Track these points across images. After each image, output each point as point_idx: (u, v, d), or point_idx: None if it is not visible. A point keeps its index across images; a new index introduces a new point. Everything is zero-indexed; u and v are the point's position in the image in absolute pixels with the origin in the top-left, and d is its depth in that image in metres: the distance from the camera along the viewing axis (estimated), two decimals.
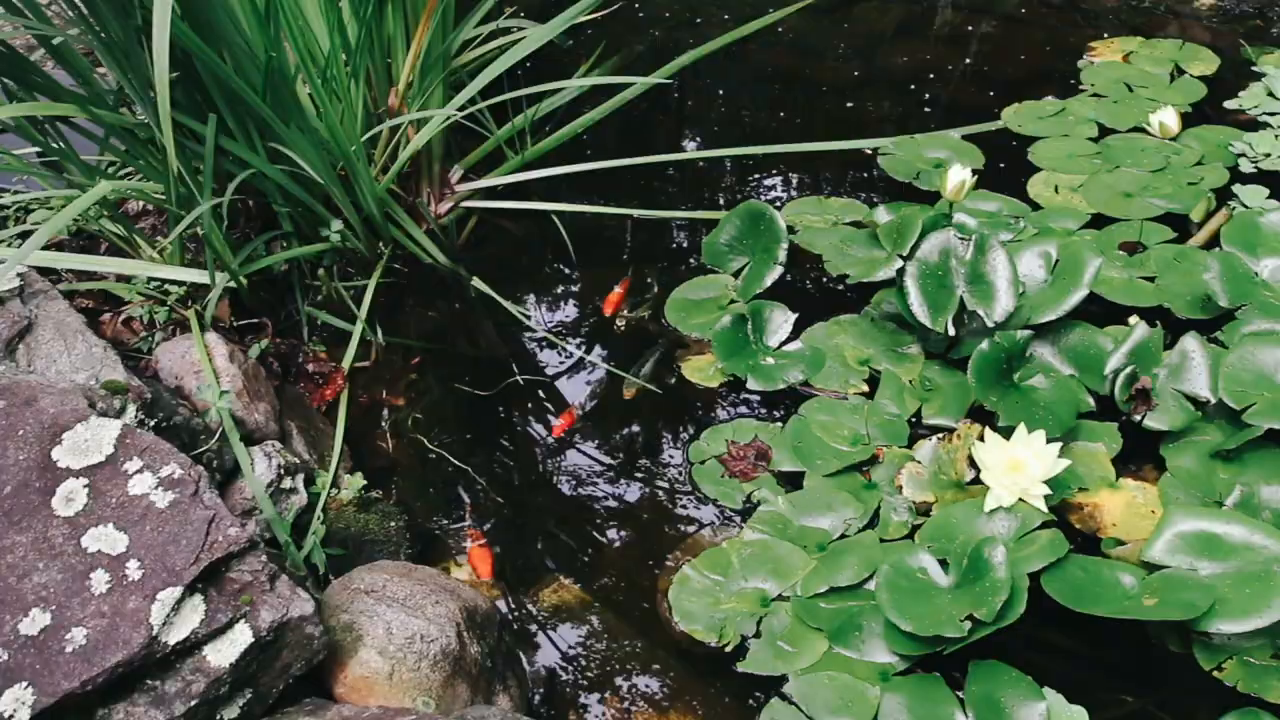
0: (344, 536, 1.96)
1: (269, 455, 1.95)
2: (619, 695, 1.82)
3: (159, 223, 2.41)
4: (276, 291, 2.40)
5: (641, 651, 1.88)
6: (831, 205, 2.68)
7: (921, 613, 1.75)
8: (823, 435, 2.12)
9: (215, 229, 2.12)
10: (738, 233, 2.52)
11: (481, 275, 2.53)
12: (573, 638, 1.90)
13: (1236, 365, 2.08)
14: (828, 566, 1.90)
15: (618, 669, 1.85)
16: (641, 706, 1.80)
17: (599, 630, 1.91)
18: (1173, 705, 1.74)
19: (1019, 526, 1.88)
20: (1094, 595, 1.76)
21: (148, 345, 2.13)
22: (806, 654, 1.80)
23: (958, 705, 1.71)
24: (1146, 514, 1.95)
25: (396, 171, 2.44)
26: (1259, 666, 1.70)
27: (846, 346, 2.31)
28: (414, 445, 2.24)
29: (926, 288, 2.18)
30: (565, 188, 2.68)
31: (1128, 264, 2.44)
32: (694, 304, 2.46)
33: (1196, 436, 2.06)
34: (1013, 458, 1.91)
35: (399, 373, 2.38)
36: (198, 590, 1.47)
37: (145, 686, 1.41)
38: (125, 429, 1.60)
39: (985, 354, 2.10)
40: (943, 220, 2.26)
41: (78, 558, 1.46)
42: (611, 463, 2.18)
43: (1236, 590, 1.71)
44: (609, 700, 1.81)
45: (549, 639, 1.91)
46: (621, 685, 1.83)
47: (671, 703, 1.81)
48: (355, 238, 2.41)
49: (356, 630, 1.65)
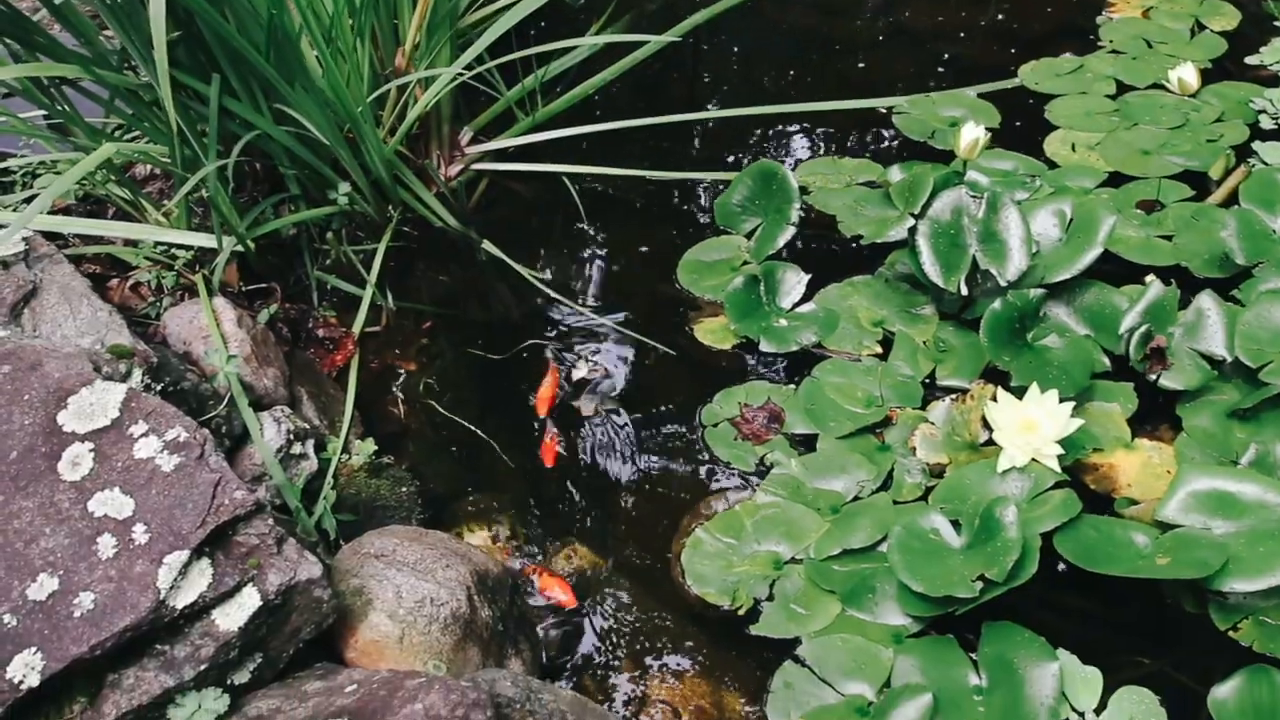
0: (355, 502, 1.96)
1: (278, 421, 1.94)
2: (631, 658, 1.82)
3: (166, 187, 2.39)
4: (285, 255, 2.39)
5: (654, 615, 1.87)
6: (845, 165, 2.65)
7: (933, 574, 1.73)
8: (836, 397, 2.10)
9: (221, 191, 2.11)
10: (750, 193, 2.49)
11: (492, 238, 2.51)
12: (587, 600, 1.90)
13: (1253, 323, 2.05)
14: (841, 529, 1.89)
15: (630, 632, 1.85)
16: (654, 669, 1.80)
17: (611, 594, 1.91)
18: (1188, 666, 1.73)
19: (1032, 487, 1.86)
20: (1107, 555, 1.74)
21: (155, 310, 2.13)
22: (819, 616, 1.79)
23: (971, 667, 1.70)
24: (1162, 474, 1.93)
25: (404, 133, 2.42)
26: (1274, 626, 1.69)
27: (860, 308, 2.29)
28: (425, 410, 2.23)
29: (939, 247, 2.15)
30: (576, 149, 2.65)
31: (1145, 222, 2.40)
32: (706, 265, 2.44)
33: (1213, 396, 2.04)
34: (1026, 418, 1.89)
35: (410, 337, 2.37)
36: (205, 554, 1.46)
37: (154, 651, 1.41)
38: (130, 393, 1.59)
39: (998, 313, 2.07)
40: (955, 178, 2.22)
41: (84, 522, 1.46)
42: (623, 426, 2.17)
43: (1251, 549, 1.69)
44: (621, 663, 1.81)
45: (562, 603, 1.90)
46: (634, 648, 1.83)
47: (684, 666, 1.80)
48: (364, 201, 2.40)
49: (366, 594, 1.64)
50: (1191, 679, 1.71)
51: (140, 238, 2.18)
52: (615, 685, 1.78)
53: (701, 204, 2.65)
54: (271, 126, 2.14)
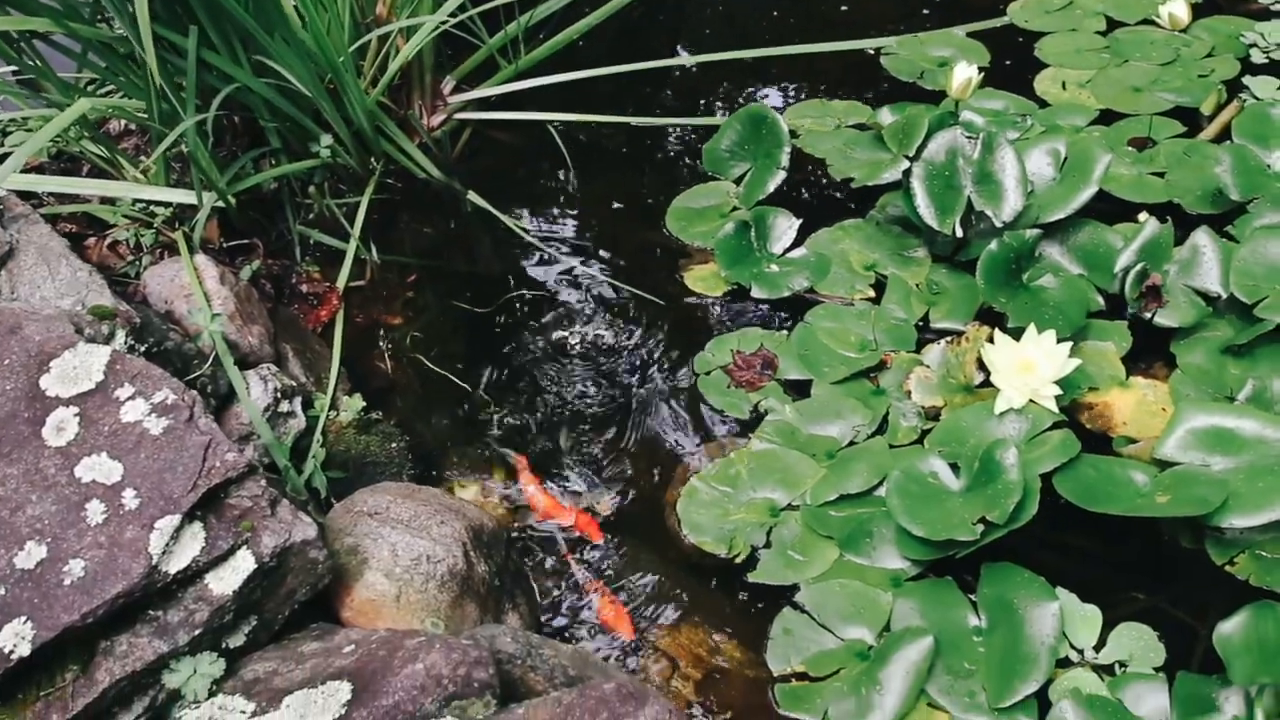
0: (344, 459, 1.93)
1: (265, 379, 1.91)
2: (630, 610, 1.81)
3: (142, 143, 2.34)
4: (266, 211, 2.34)
5: (651, 565, 1.86)
6: (834, 108, 2.61)
7: (933, 517, 1.73)
8: (829, 342, 2.08)
9: (200, 146, 2.06)
10: (739, 138, 2.45)
11: (477, 189, 2.47)
12: (582, 552, 1.88)
13: (1248, 259, 2.03)
14: (837, 474, 1.87)
15: (627, 583, 1.84)
16: (652, 619, 1.79)
17: (607, 545, 1.89)
18: (1185, 601, 1.73)
19: (1030, 428, 1.85)
20: (1106, 494, 1.74)
21: (135, 269, 2.08)
22: (817, 562, 1.78)
23: (970, 608, 1.70)
24: (1157, 411, 1.92)
25: (386, 83, 2.36)
26: (1271, 560, 1.69)
27: (852, 251, 2.26)
28: (413, 364, 2.20)
29: (933, 189, 2.12)
30: (561, 97, 2.60)
31: (1137, 160, 2.38)
32: (695, 212, 2.40)
33: (1207, 332, 2.03)
34: (1023, 358, 1.87)
35: (395, 291, 2.34)
36: (197, 518, 1.44)
37: (147, 617, 1.39)
38: (115, 355, 1.56)
39: (994, 254, 2.05)
40: (949, 119, 2.19)
41: (72, 488, 1.43)
42: (615, 376, 2.15)
43: (1249, 484, 1.69)
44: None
45: (558, 555, 1.89)
46: (631, 599, 1.82)
47: (682, 615, 1.79)
48: (346, 153, 2.35)
49: (361, 553, 1.63)
50: (1188, 614, 1.72)
51: (118, 195, 2.13)
52: (613, 637, 1.78)
53: (689, 150, 2.60)
54: (251, 79, 2.09)
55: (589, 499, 1.90)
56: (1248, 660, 1.50)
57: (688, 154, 2.60)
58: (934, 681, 1.62)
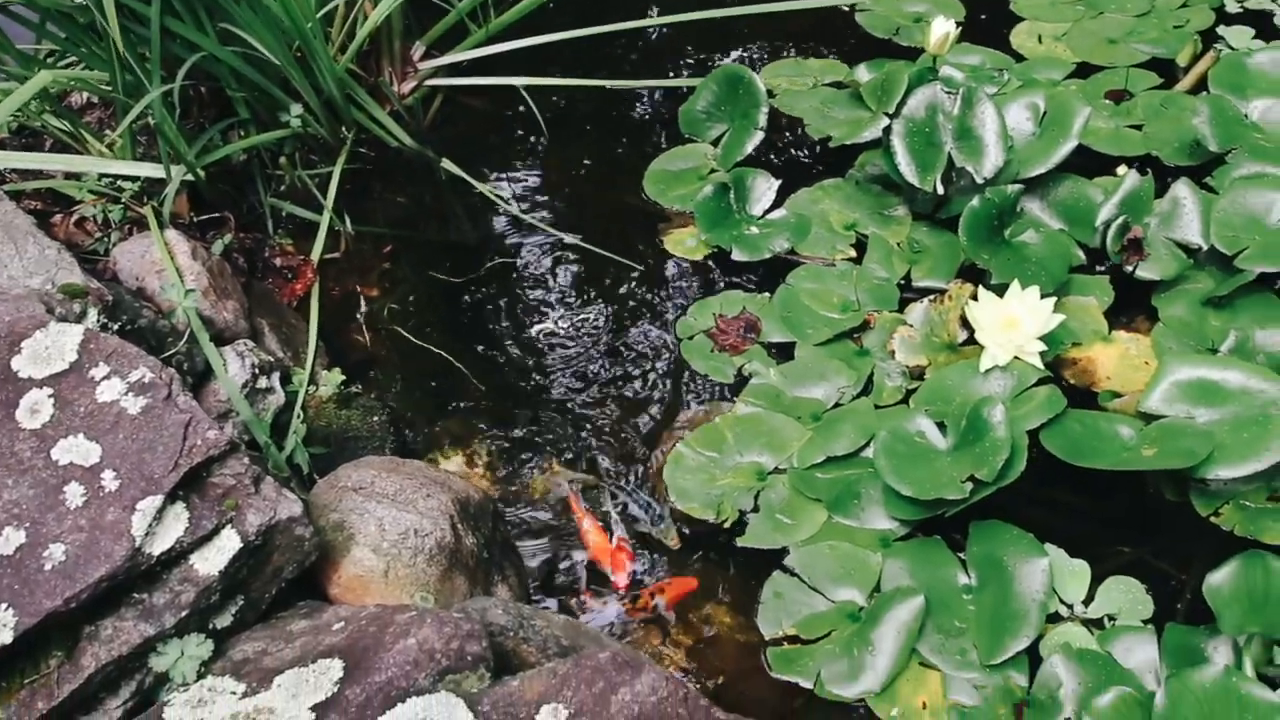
0: (326, 434, 1.91)
1: (241, 355, 1.88)
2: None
3: (106, 116, 2.29)
4: (237, 183, 2.29)
5: (638, 532, 1.85)
6: (810, 66, 2.58)
7: (921, 476, 1.72)
8: (812, 304, 2.07)
9: (167, 118, 2.01)
10: (716, 99, 2.42)
11: (451, 156, 2.43)
12: (569, 523, 1.87)
13: (1228, 210, 2.03)
14: (823, 436, 1.87)
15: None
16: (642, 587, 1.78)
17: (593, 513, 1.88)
18: (1169, 553, 1.74)
19: (1015, 384, 1.85)
20: (1093, 449, 1.74)
21: (104, 246, 2.04)
22: (806, 525, 1.78)
23: (960, 566, 1.70)
24: (1140, 365, 1.92)
25: (355, 50, 2.32)
26: (1255, 509, 1.70)
27: (832, 211, 2.24)
28: (391, 336, 2.17)
29: (914, 146, 2.10)
30: (532, 61, 2.56)
31: (1114, 113, 2.37)
32: (673, 175, 2.38)
33: (1188, 285, 2.03)
34: (1007, 315, 1.86)
35: (371, 262, 2.30)
36: (179, 498, 1.41)
37: (132, 600, 1.37)
38: (88, 334, 1.53)
39: (976, 211, 2.04)
40: (928, 75, 2.17)
41: (49, 471, 1.40)
42: (596, 343, 2.13)
43: (1234, 435, 1.69)
44: (608, 583, 1.78)
45: (545, 526, 1.87)
46: None
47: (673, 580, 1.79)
48: (316, 122, 2.30)
49: (347, 529, 1.61)
50: (1174, 566, 1.73)
51: (83, 170, 2.08)
52: (603, 606, 1.77)
53: (665, 112, 2.57)
54: (217, 47, 2.04)
55: (657, 532, 1.85)
56: (1236, 610, 1.51)
57: (663, 116, 2.57)
58: (925, 641, 1.63)
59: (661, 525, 1.85)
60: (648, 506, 1.88)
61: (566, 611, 1.75)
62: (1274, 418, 1.69)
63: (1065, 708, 1.52)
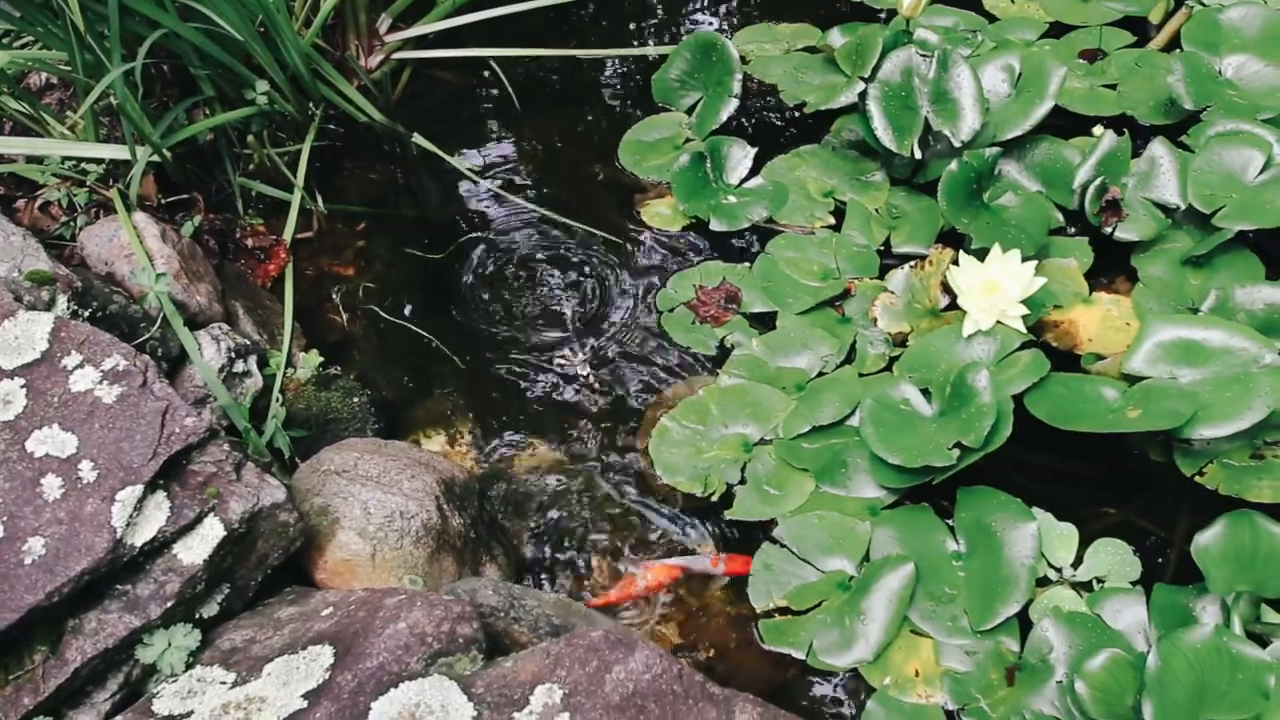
0: (305, 417, 1.88)
1: (217, 339, 1.85)
2: (607, 554, 1.79)
3: (66, 97, 2.23)
4: (205, 164, 2.25)
5: (626, 508, 1.84)
6: (782, 31, 2.55)
7: (908, 444, 1.72)
8: (792, 272, 2.05)
9: (130, 98, 1.96)
10: (689, 66, 2.39)
11: (421, 131, 2.38)
12: (555, 500, 1.85)
13: (1204, 168, 2.03)
14: (808, 406, 1.86)
15: (603, 528, 1.82)
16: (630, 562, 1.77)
17: (580, 490, 1.86)
18: (1155, 513, 1.75)
19: (999, 349, 1.84)
20: (1078, 412, 1.74)
21: (70, 231, 1.99)
22: (793, 496, 1.77)
23: (948, 533, 1.70)
24: (1121, 326, 1.93)
25: (320, 23, 2.26)
26: (1239, 468, 1.71)
27: (809, 179, 2.22)
28: (368, 316, 2.14)
29: (890, 111, 2.09)
30: (502, 32, 2.52)
31: (1088, 72, 2.36)
32: (648, 145, 2.35)
33: (1167, 244, 2.03)
34: (989, 279, 1.86)
35: (344, 241, 2.27)
36: (159, 487, 1.39)
37: (116, 592, 1.34)
38: (59, 322, 1.49)
39: (955, 175, 2.02)
40: (902, 38, 2.15)
41: (24, 464, 1.37)
42: (575, 318, 2.10)
43: (1217, 394, 1.70)
44: (597, 561, 1.78)
45: (531, 504, 1.86)
46: (609, 544, 1.80)
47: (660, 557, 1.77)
48: (283, 99, 2.26)
49: (332, 513, 1.58)
50: (1159, 526, 1.73)
51: (46, 153, 2.03)
52: (590, 583, 1.76)
53: (637, 81, 2.54)
54: (178, 23, 1.99)
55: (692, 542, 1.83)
56: (1225, 570, 1.52)
57: (635, 85, 2.53)
58: (916, 608, 1.63)
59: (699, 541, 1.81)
60: (638, 481, 1.86)
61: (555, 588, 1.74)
62: (1256, 376, 1.69)
63: (1057, 671, 1.53)
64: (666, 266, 2.16)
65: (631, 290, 2.14)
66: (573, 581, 1.76)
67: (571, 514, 1.84)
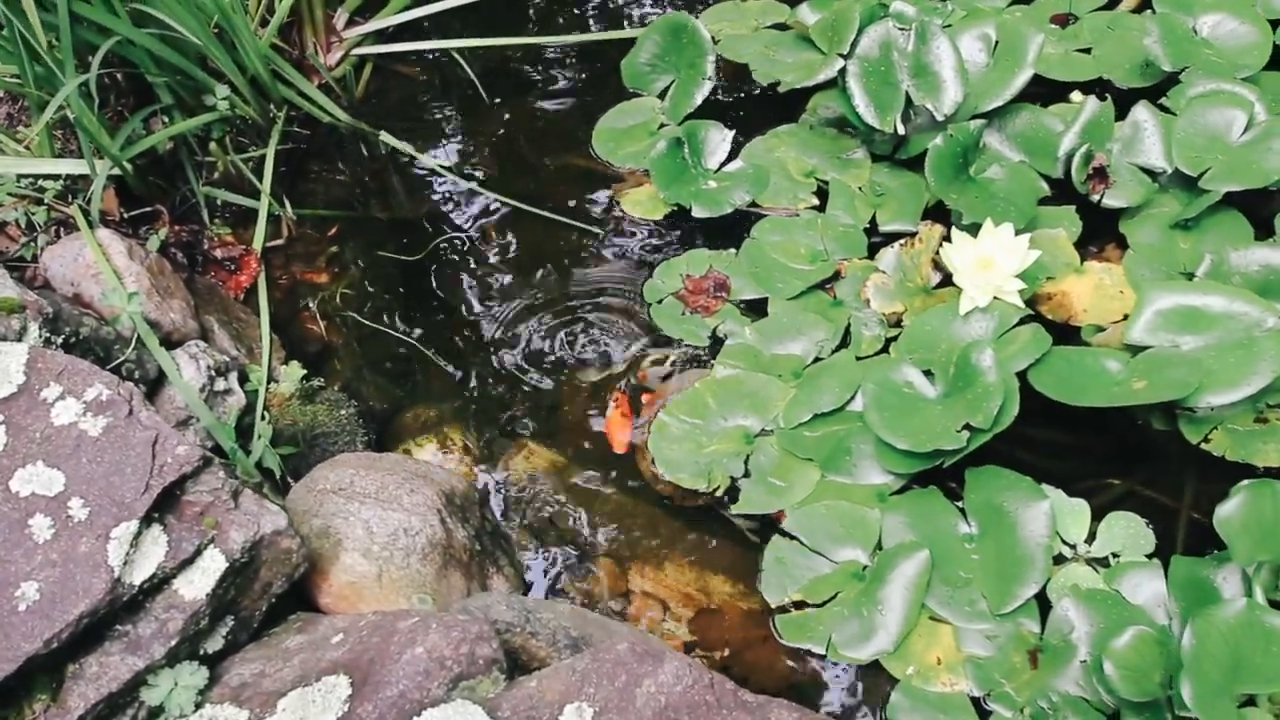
0: (293, 433, 1.82)
1: (194, 357, 1.78)
2: (612, 555, 1.75)
3: (15, 111, 2.14)
4: (167, 174, 2.16)
5: (628, 506, 1.80)
6: (750, 9, 2.50)
7: (915, 428, 1.69)
8: (780, 257, 2.01)
9: (86, 110, 1.88)
10: (659, 49, 2.33)
11: (387, 128, 2.31)
12: (555, 503, 1.81)
13: (1188, 130, 2.02)
14: (807, 393, 1.82)
15: (606, 528, 1.78)
16: (637, 562, 1.73)
17: (580, 491, 1.82)
18: (1161, 481, 1.74)
19: (997, 326, 1.82)
20: (1083, 386, 1.71)
21: (31, 251, 1.91)
22: (799, 486, 1.74)
23: (959, 516, 1.68)
24: (1115, 295, 1.91)
25: (277, 23, 2.19)
26: (1244, 433, 1.70)
27: (789, 159, 2.18)
28: (347, 323, 2.08)
29: (870, 87, 2.05)
30: (464, 22, 2.45)
31: (1062, 37, 2.34)
32: (622, 132, 2.29)
33: (1154, 209, 2.02)
34: (983, 255, 1.83)
35: (317, 247, 2.20)
36: (155, 520, 1.33)
37: (116, 633, 1.28)
38: (34, 352, 1.42)
39: (941, 150, 1.99)
40: (879, 12, 2.11)
41: (9, 504, 1.30)
42: (562, 314, 2.05)
43: (1221, 361, 1.68)
44: (603, 563, 1.73)
45: (532, 509, 1.81)
46: (613, 544, 1.76)
47: (666, 555, 1.74)
48: (244, 102, 2.18)
49: (333, 534, 1.53)
50: (1167, 496, 1.72)
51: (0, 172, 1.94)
52: (599, 587, 1.72)
53: (606, 67, 2.48)
54: (132, 30, 1.91)
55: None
56: (1247, 540, 1.50)
57: (604, 71, 2.47)
58: (932, 594, 1.61)
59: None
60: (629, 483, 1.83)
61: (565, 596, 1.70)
62: (1259, 340, 1.68)
63: (1080, 650, 1.51)
64: (651, 256, 2.11)
65: (617, 283, 2.08)
66: (582, 585, 1.71)
67: (573, 516, 1.79)
